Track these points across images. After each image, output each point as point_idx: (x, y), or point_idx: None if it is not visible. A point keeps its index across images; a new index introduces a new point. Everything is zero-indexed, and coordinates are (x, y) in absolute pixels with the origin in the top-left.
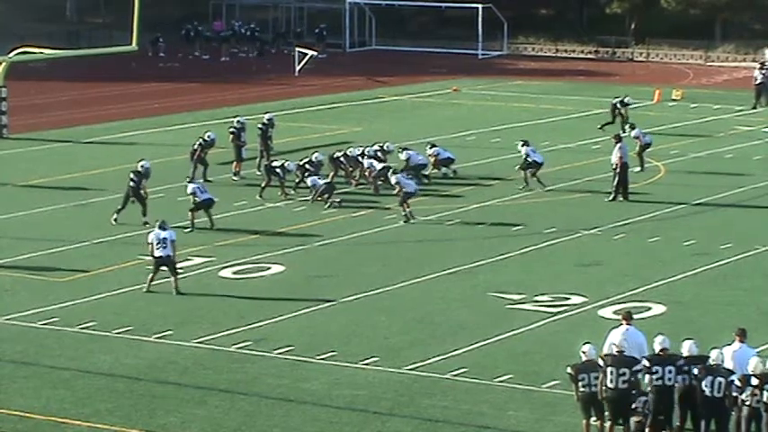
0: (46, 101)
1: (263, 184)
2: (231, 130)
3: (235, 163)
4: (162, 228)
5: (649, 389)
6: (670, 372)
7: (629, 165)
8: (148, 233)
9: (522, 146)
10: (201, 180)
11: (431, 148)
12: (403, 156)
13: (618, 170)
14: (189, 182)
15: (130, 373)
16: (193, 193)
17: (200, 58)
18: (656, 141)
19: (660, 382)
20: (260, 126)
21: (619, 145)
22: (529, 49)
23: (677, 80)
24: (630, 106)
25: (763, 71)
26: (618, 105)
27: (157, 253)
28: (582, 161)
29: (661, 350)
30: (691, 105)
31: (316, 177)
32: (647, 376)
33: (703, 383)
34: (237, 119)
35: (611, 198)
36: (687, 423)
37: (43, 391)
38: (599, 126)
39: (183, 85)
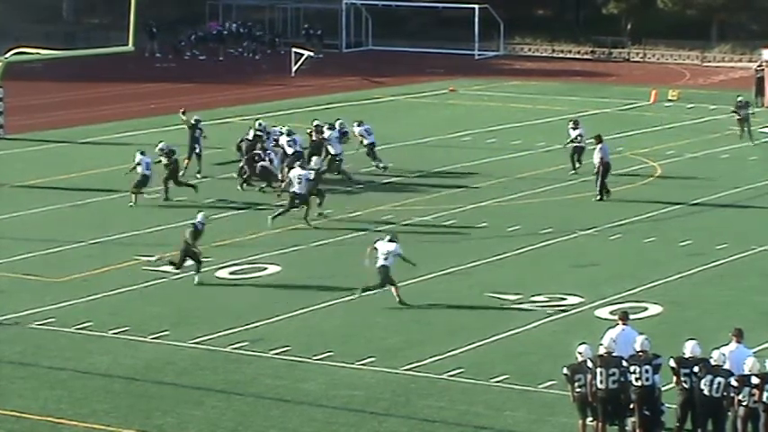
0: (42, 101)
1: (244, 176)
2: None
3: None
4: (391, 240)
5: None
6: (647, 371)
7: (612, 165)
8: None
9: (357, 126)
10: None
11: (358, 126)
12: (327, 132)
13: (599, 170)
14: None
15: (127, 374)
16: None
17: (196, 59)
18: (653, 141)
19: (639, 383)
20: (257, 132)
21: (600, 146)
22: (525, 49)
23: (674, 80)
24: (747, 109)
25: (759, 70)
26: (737, 111)
27: None
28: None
29: (640, 351)
30: (687, 106)
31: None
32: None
33: (702, 382)
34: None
35: (597, 198)
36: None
37: (40, 392)
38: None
39: (180, 85)
